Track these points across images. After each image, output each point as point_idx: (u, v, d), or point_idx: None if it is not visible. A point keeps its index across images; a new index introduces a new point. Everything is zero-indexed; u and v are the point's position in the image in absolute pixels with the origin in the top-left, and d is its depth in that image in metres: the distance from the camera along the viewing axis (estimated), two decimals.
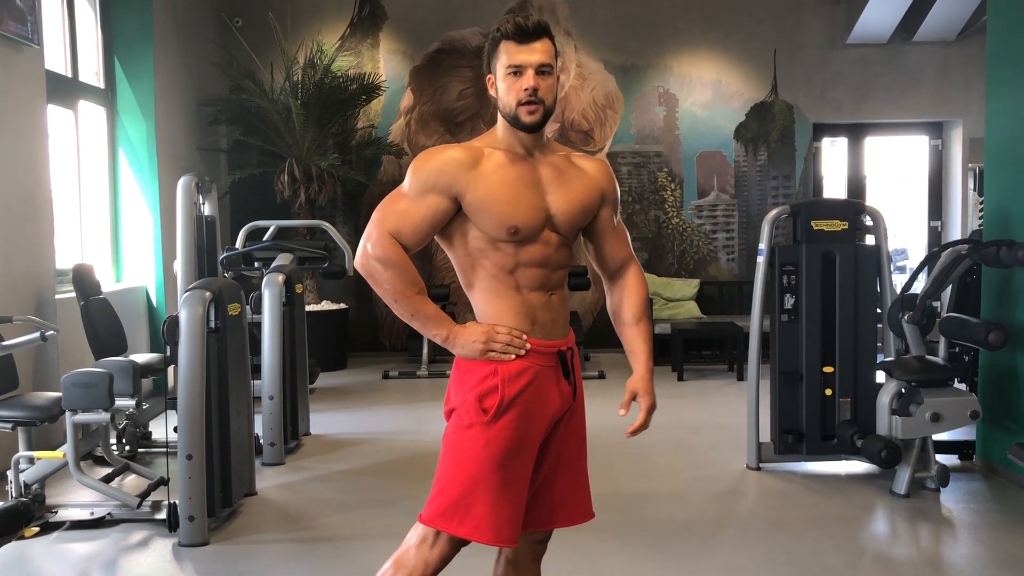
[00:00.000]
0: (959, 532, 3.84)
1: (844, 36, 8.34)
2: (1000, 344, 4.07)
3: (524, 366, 2.04)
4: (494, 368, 2.03)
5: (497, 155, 2.05)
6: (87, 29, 6.33)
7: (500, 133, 2.09)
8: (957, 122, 8.57)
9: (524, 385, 2.04)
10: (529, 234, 2.02)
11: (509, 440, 2.02)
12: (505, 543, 2.03)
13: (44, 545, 3.63)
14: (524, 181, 2.04)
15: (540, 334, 2.06)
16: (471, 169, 2.01)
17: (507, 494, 2.01)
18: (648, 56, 8.45)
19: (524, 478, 2.05)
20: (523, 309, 2.05)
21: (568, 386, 2.11)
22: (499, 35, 2.03)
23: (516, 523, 2.03)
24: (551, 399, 2.08)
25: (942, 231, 8.83)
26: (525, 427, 2.04)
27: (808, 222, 4.54)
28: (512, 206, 2.00)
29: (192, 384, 3.56)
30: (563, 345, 2.11)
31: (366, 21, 8.41)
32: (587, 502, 2.19)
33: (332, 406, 6.32)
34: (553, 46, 2.04)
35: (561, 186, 2.08)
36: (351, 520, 3.97)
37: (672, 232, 8.51)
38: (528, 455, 2.06)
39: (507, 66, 2.01)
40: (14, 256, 4.76)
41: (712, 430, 5.49)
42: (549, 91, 2.03)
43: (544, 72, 2.01)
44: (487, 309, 2.07)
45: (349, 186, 8.19)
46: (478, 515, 2.00)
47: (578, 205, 2.08)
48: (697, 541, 3.68)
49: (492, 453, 2.01)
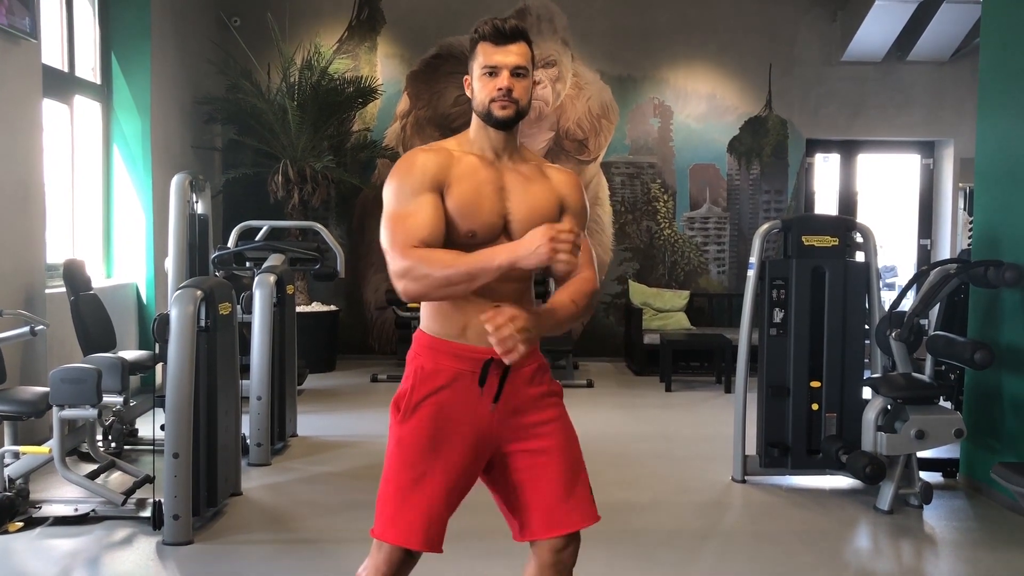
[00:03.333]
0: (941, 549, 3.87)
1: (839, 53, 8.40)
2: (986, 363, 4.10)
3: (440, 367, 2.06)
4: (412, 369, 2.08)
5: (467, 159, 2.07)
6: (85, 24, 6.32)
7: (472, 135, 2.11)
8: (948, 142, 8.63)
9: (438, 386, 2.05)
10: (485, 239, 2.03)
11: (419, 439, 2.04)
12: (416, 546, 2.03)
13: (27, 541, 3.62)
14: (490, 187, 2.05)
15: (472, 339, 2.03)
16: (449, 169, 2.04)
17: (419, 495, 2.03)
18: (644, 67, 8.49)
19: (444, 481, 2.04)
20: (457, 312, 2.03)
21: (491, 395, 2.05)
22: (477, 36, 2.06)
23: (430, 526, 2.03)
24: (472, 405, 2.06)
25: (931, 249, 8.89)
26: (440, 428, 2.04)
27: (799, 237, 4.57)
28: (476, 210, 2.02)
29: (180, 382, 3.56)
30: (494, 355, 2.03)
31: (364, 24, 8.43)
32: (585, 505, 2.12)
33: (320, 408, 6.32)
34: (530, 49, 2.06)
35: (523, 193, 2.08)
36: (335, 522, 3.97)
37: (664, 243, 8.54)
38: (450, 458, 2.05)
39: (483, 66, 2.04)
40: (5, 249, 4.75)
41: (698, 442, 5.51)
42: (523, 92, 2.05)
43: (519, 74, 2.04)
44: (429, 306, 2.09)
45: (343, 188, 8.20)
46: (387, 515, 2.05)
47: (538, 217, 2.05)
48: (680, 552, 3.69)
49: (402, 451, 2.06)
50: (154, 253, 6.61)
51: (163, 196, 5.74)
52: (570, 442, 2.16)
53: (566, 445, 2.14)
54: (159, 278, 6.54)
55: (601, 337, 8.36)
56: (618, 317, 8.48)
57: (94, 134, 6.46)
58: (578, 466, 2.15)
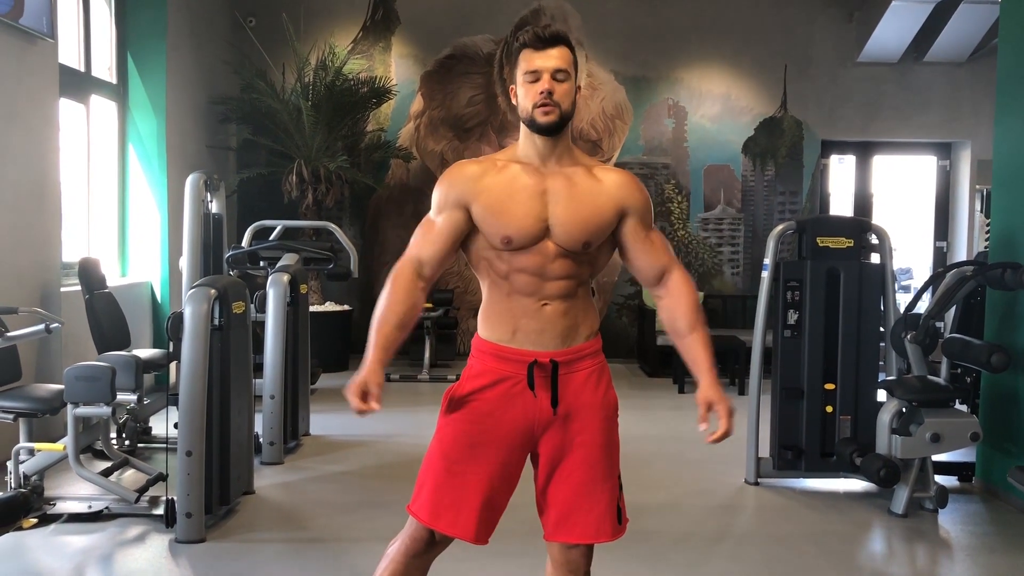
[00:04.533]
0: (956, 554, 3.83)
1: (855, 54, 8.36)
2: (1002, 366, 4.07)
3: (486, 368, 2.13)
4: (465, 369, 2.18)
5: (512, 167, 2.12)
6: (101, 25, 6.36)
7: (520, 144, 2.15)
8: (966, 143, 8.57)
9: (481, 386, 2.12)
10: (523, 244, 2.06)
11: (457, 432, 2.12)
12: (442, 528, 2.11)
13: (41, 537, 3.64)
14: (529, 192, 2.07)
15: (520, 342, 2.10)
16: (479, 181, 2.09)
17: (452, 483, 2.10)
18: (659, 68, 8.47)
19: (477, 474, 2.10)
20: (507, 316, 2.11)
21: (546, 397, 2.09)
22: (518, 45, 2.09)
23: (458, 513, 2.09)
24: (517, 405, 2.10)
25: (948, 251, 8.83)
26: (479, 425, 2.11)
27: (814, 238, 4.54)
28: (508, 217, 2.05)
29: (194, 381, 3.57)
30: (550, 356, 2.09)
31: (379, 25, 8.44)
32: (600, 521, 2.12)
33: (333, 407, 6.32)
34: (571, 54, 2.09)
35: (569, 199, 2.08)
36: (347, 521, 3.97)
37: (677, 244, 8.52)
38: (487, 454, 2.10)
39: (525, 72, 2.08)
40: (21, 248, 4.78)
41: (712, 444, 5.48)
42: (565, 95, 2.07)
43: (560, 78, 2.06)
44: (482, 313, 2.18)
45: (357, 188, 8.22)
46: (423, 497, 2.14)
47: (581, 220, 2.07)
48: (692, 553, 3.68)
49: (440, 441, 2.15)
50: (169, 252, 6.63)
51: (178, 195, 5.76)
52: (603, 454, 2.15)
53: (599, 456, 2.14)
54: (174, 277, 6.57)
55: (614, 338, 8.33)
56: (631, 318, 8.46)
57: (110, 133, 6.50)
58: (606, 480, 2.14)
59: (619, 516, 2.17)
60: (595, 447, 2.14)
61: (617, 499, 2.17)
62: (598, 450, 2.14)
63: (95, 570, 3.44)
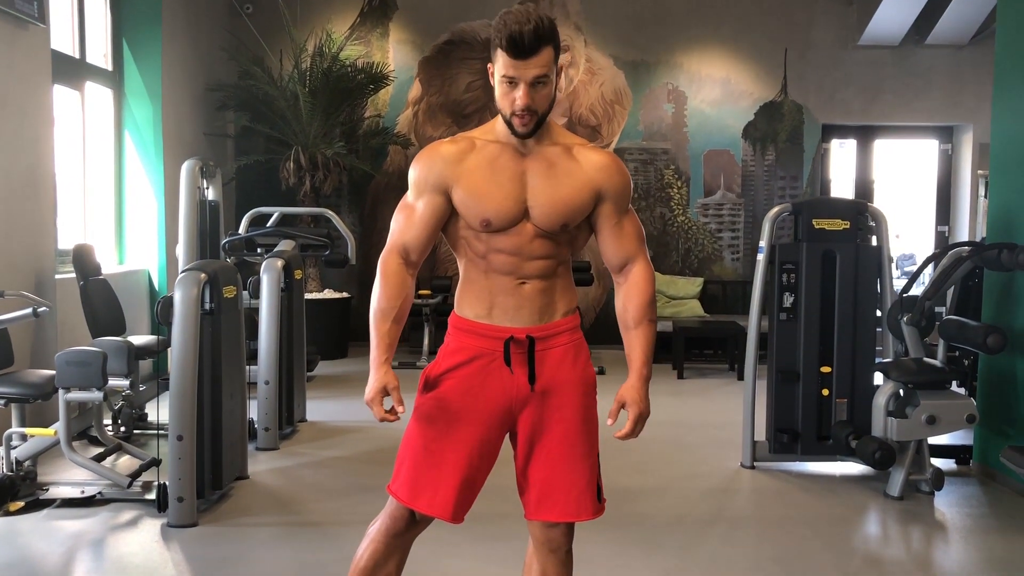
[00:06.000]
0: (951, 536, 3.82)
1: (856, 37, 8.29)
2: (998, 348, 4.04)
3: (462, 346, 2.12)
4: (441, 347, 2.17)
5: (490, 147, 2.07)
6: (96, 11, 6.33)
7: (498, 124, 2.09)
8: (967, 127, 8.51)
9: (457, 363, 2.12)
10: (502, 225, 2.04)
11: (433, 410, 2.12)
12: (421, 508, 2.11)
13: (34, 522, 3.64)
14: (508, 174, 2.05)
15: (497, 319, 2.09)
16: (458, 164, 2.06)
17: (429, 461, 2.10)
18: (658, 52, 8.42)
19: (455, 452, 2.10)
20: (484, 293, 2.11)
21: (524, 373, 2.08)
22: (497, 44, 1.95)
23: (437, 495, 2.09)
24: (494, 382, 2.09)
25: (949, 236, 8.77)
26: (456, 403, 2.11)
27: (809, 221, 4.51)
28: (488, 200, 2.03)
29: (184, 365, 3.56)
30: (526, 333, 2.08)
31: (376, 11, 8.40)
32: (580, 498, 2.11)
33: (330, 394, 6.33)
34: (553, 51, 1.96)
35: (548, 180, 2.05)
36: (341, 506, 3.97)
37: (677, 230, 8.49)
38: (464, 432, 2.10)
39: (502, 75, 1.97)
40: (15, 234, 4.77)
41: (709, 428, 5.48)
42: (544, 100, 1.99)
43: (540, 82, 1.96)
44: (459, 291, 2.17)
45: (355, 175, 8.20)
46: (402, 476, 2.14)
47: (560, 202, 2.04)
48: (685, 536, 3.67)
49: (417, 420, 2.14)
50: (166, 239, 6.62)
51: (175, 183, 5.75)
52: (583, 430, 2.13)
53: (577, 433, 2.12)
54: (171, 264, 6.56)
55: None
56: None
57: (106, 120, 6.48)
58: (585, 457, 2.13)
59: (598, 494, 2.15)
60: (574, 423, 2.12)
61: (597, 477, 2.15)
62: (577, 426, 2.12)
63: (87, 555, 3.44)
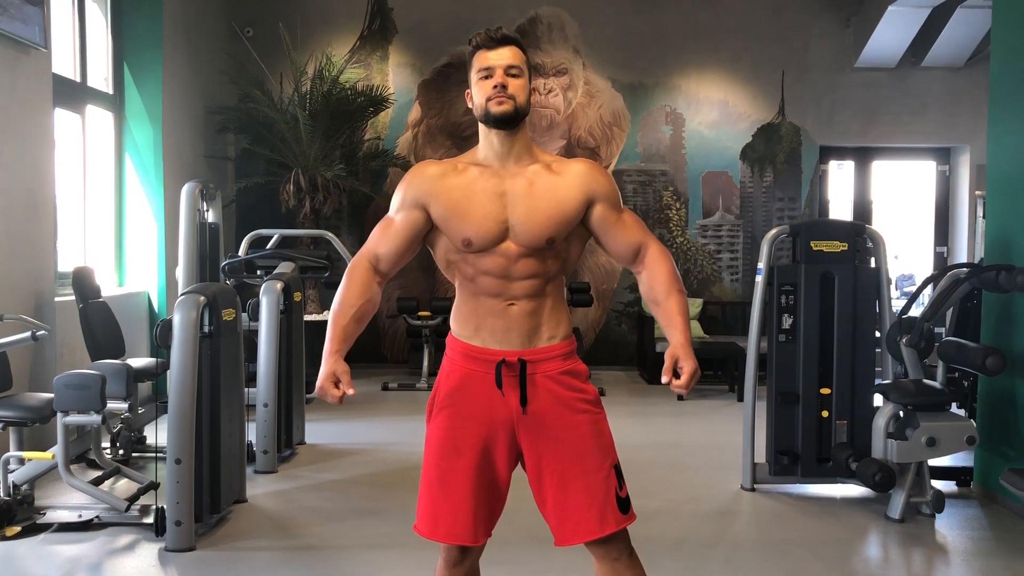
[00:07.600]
0: (952, 558, 3.80)
1: (853, 59, 8.35)
2: (997, 369, 4.04)
3: (455, 367, 2.14)
4: (440, 369, 2.19)
5: (471, 170, 2.12)
6: (97, 34, 6.37)
7: (480, 147, 2.16)
8: (965, 148, 8.55)
9: (453, 387, 2.14)
10: (483, 246, 2.07)
11: (441, 437, 2.13)
12: (443, 539, 2.12)
13: (31, 546, 3.62)
14: (488, 194, 2.08)
15: (485, 341, 2.10)
16: (437, 182, 2.11)
17: (443, 492, 2.11)
18: (656, 75, 8.47)
19: (464, 478, 2.10)
20: (473, 315, 2.13)
21: (516, 396, 2.08)
22: (472, 48, 2.12)
23: (456, 521, 2.09)
24: (486, 404, 2.10)
25: (948, 257, 8.79)
26: (459, 428, 2.11)
27: (808, 242, 4.52)
28: (467, 219, 2.07)
29: (183, 388, 3.56)
30: (517, 356, 2.08)
31: (376, 34, 8.46)
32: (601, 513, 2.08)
33: (329, 416, 6.31)
34: (523, 53, 2.12)
35: (528, 198, 2.08)
36: (341, 529, 3.95)
37: (676, 251, 8.49)
38: (469, 457, 2.10)
39: (478, 71, 2.10)
40: (15, 257, 4.78)
41: (709, 450, 5.46)
42: (520, 90, 2.08)
43: (513, 73, 2.08)
44: (453, 313, 2.20)
45: (355, 197, 8.22)
46: (421, 510, 2.15)
47: (542, 217, 2.07)
48: (686, 559, 3.65)
49: (428, 448, 2.15)
50: (166, 262, 6.63)
51: (175, 205, 5.76)
52: (590, 445, 2.11)
53: (584, 448, 2.10)
54: (171, 286, 6.56)
55: (613, 346, 8.31)
56: (630, 325, 8.43)
57: (106, 143, 6.50)
58: (596, 471, 2.10)
59: (619, 503, 2.10)
60: (577, 441, 2.10)
61: (615, 487, 2.10)
62: (581, 442, 2.10)
63: None
